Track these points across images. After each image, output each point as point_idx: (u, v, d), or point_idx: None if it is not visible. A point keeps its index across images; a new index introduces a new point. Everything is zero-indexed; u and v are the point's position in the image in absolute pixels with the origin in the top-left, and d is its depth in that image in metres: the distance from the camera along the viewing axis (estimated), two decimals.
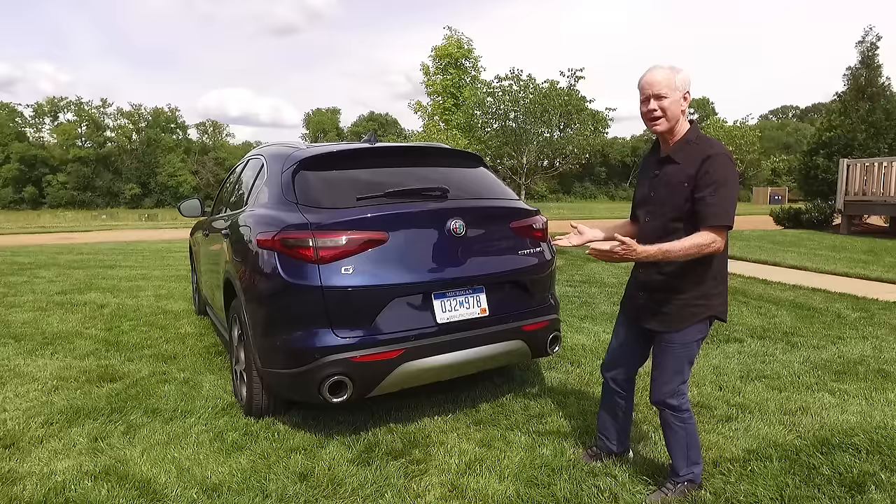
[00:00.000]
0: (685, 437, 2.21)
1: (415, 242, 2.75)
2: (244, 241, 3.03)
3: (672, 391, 2.17)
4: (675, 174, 2.08)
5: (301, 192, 2.84)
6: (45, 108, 60.03)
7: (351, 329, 2.59)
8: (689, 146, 2.08)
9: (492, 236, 3.00)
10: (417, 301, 2.71)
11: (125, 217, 36.61)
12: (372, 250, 2.63)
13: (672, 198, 2.08)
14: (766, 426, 2.84)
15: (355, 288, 2.57)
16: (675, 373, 2.17)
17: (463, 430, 2.90)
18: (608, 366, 2.45)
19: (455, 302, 2.79)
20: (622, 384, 2.42)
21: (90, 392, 3.45)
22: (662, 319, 2.17)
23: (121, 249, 11.89)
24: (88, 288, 7.02)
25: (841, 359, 3.93)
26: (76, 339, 4.68)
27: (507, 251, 3.00)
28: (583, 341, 4.44)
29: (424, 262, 2.73)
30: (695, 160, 2.03)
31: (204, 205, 4.93)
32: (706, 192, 1.99)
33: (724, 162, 2.00)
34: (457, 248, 2.82)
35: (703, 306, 2.12)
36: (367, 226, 2.64)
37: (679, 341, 2.14)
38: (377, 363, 2.59)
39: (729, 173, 2.01)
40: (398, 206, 2.76)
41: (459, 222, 2.79)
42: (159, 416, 3.08)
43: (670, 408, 2.19)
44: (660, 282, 2.16)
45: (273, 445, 2.74)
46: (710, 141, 2.09)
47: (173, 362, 4.09)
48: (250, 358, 2.91)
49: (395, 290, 2.64)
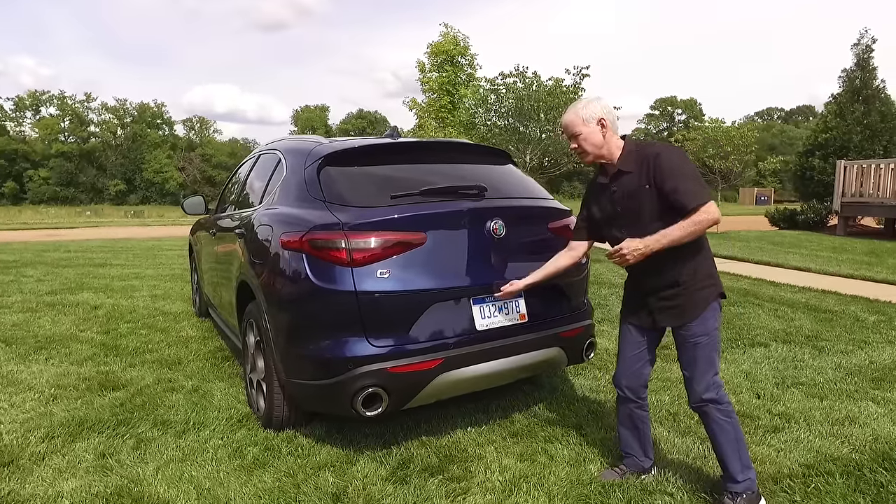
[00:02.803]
0: (734, 433, 2.12)
1: (454, 244, 2.58)
2: (264, 241, 2.82)
3: (709, 384, 2.12)
4: (632, 181, 2.14)
5: (328, 189, 2.65)
6: (26, 101, 58.76)
7: (386, 337, 2.41)
8: (633, 155, 2.17)
9: (531, 237, 2.84)
10: (456, 307, 2.54)
11: (110, 213, 35.94)
12: (409, 252, 2.44)
13: (640, 203, 2.13)
14: (817, 438, 2.71)
15: (392, 293, 2.39)
16: (707, 365, 2.13)
17: (500, 442, 2.73)
18: (622, 376, 2.36)
19: (494, 307, 2.62)
20: (638, 391, 2.34)
21: (92, 402, 3.22)
22: (678, 313, 2.16)
23: (110, 247, 11.53)
24: (80, 288, 6.73)
25: (874, 364, 3.83)
26: (72, 342, 4.43)
27: (546, 253, 2.84)
28: (605, 345, 4.30)
29: (464, 265, 2.56)
30: (644, 164, 2.11)
31: (207, 202, 4.71)
32: (672, 183, 2.04)
33: (670, 153, 2.11)
34: (496, 250, 2.65)
35: (712, 286, 2.16)
36: (403, 226, 2.46)
37: (701, 331, 2.13)
38: (415, 374, 2.41)
39: (678, 159, 2.09)
40: (436, 206, 2.58)
41: (500, 222, 2.62)
42: (171, 429, 2.87)
43: (713, 402, 2.12)
44: (663, 280, 2.16)
45: (298, 462, 2.55)
46: (648, 144, 2.19)
47: (178, 368, 3.86)
48: (271, 367, 2.71)
49: (434, 296, 2.47)
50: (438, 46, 16.05)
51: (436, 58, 16.23)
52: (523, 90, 9.42)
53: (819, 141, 15.44)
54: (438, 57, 16.11)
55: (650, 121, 68.91)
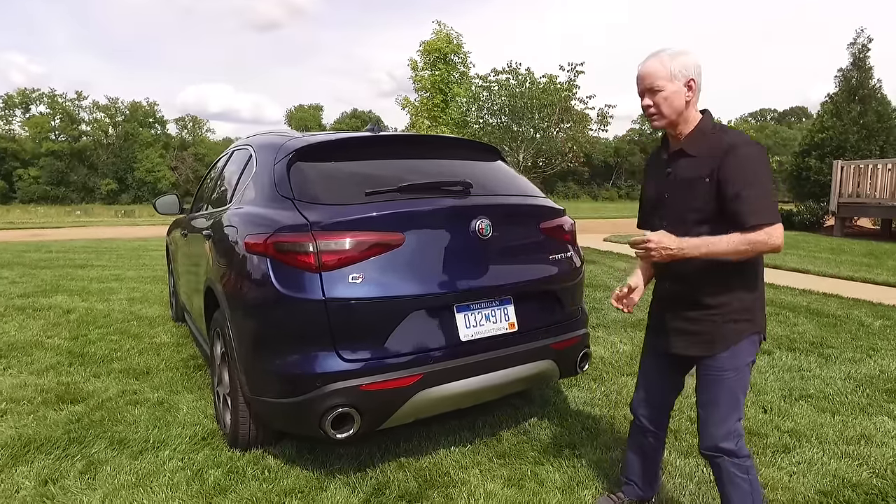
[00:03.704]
0: (750, 492, 1.77)
1: (435, 245, 2.34)
2: (229, 243, 2.58)
3: (728, 432, 1.76)
4: (690, 169, 1.78)
5: (298, 186, 2.41)
6: (15, 99, 57.98)
7: (359, 350, 2.17)
8: (705, 137, 1.78)
9: (520, 239, 2.60)
10: (438, 316, 2.30)
11: (101, 213, 35.50)
12: (385, 255, 2.21)
13: (691, 197, 1.76)
14: (832, 459, 2.49)
15: (366, 300, 2.14)
16: (729, 408, 1.76)
17: (486, 464, 2.50)
18: (640, 404, 2.06)
19: (481, 315, 2.38)
20: (656, 423, 2.04)
21: (45, 417, 2.96)
22: (699, 341, 1.80)
23: (94, 247, 11.23)
24: (55, 290, 6.45)
25: (884, 374, 3.62)
26: (35, 350, 4.16)
27: (537, 256, 2.61)
28: (601, 353, 4.08)
29: (446, 268, 2.32)
30: (714, 153, 1.72)
31: (182, 201, 4.45)
32: (738, 188, 1.66)
33: (749, 150, 1.69)
34: (482, 251, 2.41)
35: (747, 322, 1.77)
36: (379, 226, 2.22)
37: (730, 366, 1.75)
38: (390, 391, 2.17)
39: (757, 162, 1.69)
40: (415, 203, 2.35)
41: (486, 222, 2.39)
42: (127, 449, 2.62)
43: (728, 454, 1.76)
44: (687, 296, 1.80)
45: (263, 487, 2.31)
46: (728, 131, 1.78)
47: (146, 378, 3.61)
48: (236, 381, 2.47)
49: (412, 303, 2.23)
50: (431, 44, 15.77)
51: (428, 56, 15.95)
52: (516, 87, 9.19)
53: (815, 141, 15.30)
54: (431, 55, 15.84)
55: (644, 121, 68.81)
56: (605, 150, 62.02)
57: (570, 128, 10.20)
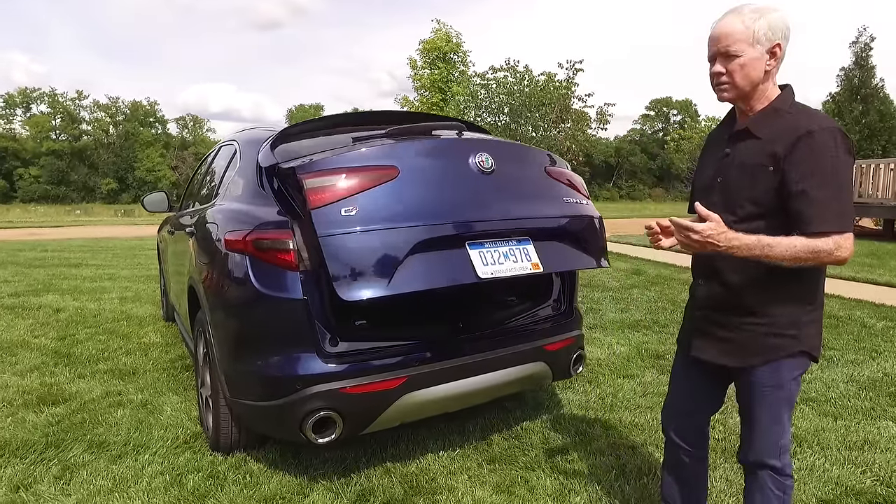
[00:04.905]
0: None
1: (434, 179, 2.16)
2: (210, 241, 2.50)
3: (771, 447, 1.59)
4: (753, 152, 1.51)
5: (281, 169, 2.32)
6: (16, 98, 57.99)
7: (362, 289, 1.94)
8: (778, 116, 1.50)
9: (528, 179, 2.40)
10: (448, 249, 2.09)
11: (100, 212, 35.48)
12: (380, 187, 2.02)
13: (747, 184, 1.51)
14: (834, 465, 2.41)
15: (362, 232, 1.95)
16: (771, 423, 1.58)
17: (475, 470, 2.41)
18: (669, 416, 1.84)
19: (498, 254, 2.16)
20: (691, 439, 1.80)
21: (24, 420, 2.89)
22: (732, 350, 1.58)
23: (90, 246, 11.16)
24: (46, 289, 6.37)
25: (888, 377, 3.53)
26: (21, 350, 4.09)
27: (550, 196, 2.40)
28: (597, 354, 3.99)
29: (450, 202, 2.13)
30: (785, 136, 1.45)
31: (171, 199, 4.37)
32: (809, 184, 1.41)
33: (827, 138, 1.42)
34: (488, 188, 2.21)
35: (792, 338, 1.53)
36: (370, 159, 2.09)
37: (770, 382, 1.55)
38: (374, 394, 2.08)
39: (835, 155, 1.41)
40: (408, 141, 2.24)
41: (485, 155, 2.21)
42: (105, 453, 2.54)
43: (771, 469, 1.60)
44: (727, 297, 1.57)
45: (244, 493, 2.22)
46: (809, 112, 1.50)
47: (131, 379, 3.53)
48: (217, 383, 2.39)
49: (415, 234, 2.02)
50: (431, 43, 15.72)
51: (428, 55, 15.91)
52: (514, 85, 9.11)
53: None
54: (430, 54, 15.80)
55: (645, 121, 68.67)
56: (605, 150, 61.86)
57: (569, 127, 10.12)
